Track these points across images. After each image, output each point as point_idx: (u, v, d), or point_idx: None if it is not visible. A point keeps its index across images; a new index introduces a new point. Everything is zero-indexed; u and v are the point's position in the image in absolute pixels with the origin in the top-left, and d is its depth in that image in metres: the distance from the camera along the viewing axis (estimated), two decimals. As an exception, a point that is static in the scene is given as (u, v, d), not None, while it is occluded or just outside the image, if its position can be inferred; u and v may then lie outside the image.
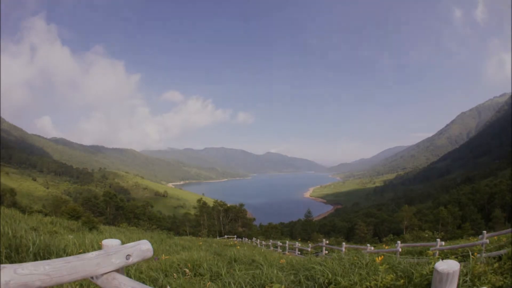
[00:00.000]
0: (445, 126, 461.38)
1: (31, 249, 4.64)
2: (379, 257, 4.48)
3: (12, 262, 4.14)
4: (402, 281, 3.57)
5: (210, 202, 75.50)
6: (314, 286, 4.06)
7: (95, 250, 4.44)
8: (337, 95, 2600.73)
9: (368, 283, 3.68)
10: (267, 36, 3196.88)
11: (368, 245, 12.27)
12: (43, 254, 4.76)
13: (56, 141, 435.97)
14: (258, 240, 28.00)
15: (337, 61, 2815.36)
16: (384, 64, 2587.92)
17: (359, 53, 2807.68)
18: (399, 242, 10.95)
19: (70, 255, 1.64)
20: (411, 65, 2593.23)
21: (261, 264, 5.66)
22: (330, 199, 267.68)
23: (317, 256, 11.25)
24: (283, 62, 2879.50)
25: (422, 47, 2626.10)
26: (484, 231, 9.30)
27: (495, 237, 10.22)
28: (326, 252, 15.65)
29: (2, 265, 1.30)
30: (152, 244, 1.96)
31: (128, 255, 1.77)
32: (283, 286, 3.84)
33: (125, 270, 3.40)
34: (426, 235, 34.79)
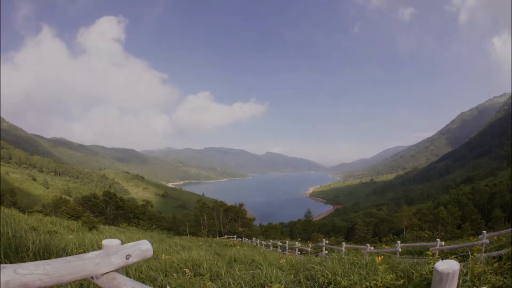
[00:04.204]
0: (445, 126, 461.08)
1: (31, 249, 4.63)
2: (379, 257, 4.49)
3: (12, 262, 4.14)
4: (402, 281, 3.57)
5: (210, 202, 75.45)
6: (314, 286, 4.06)
7: (95, 250, 4.45)
8: (337, 95, 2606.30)
9: (368, 283, 3.68)
10: (265, 35, 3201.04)
11: (368, 245, 12.26)
12: (43, 254, 4.75)
13: (56, 141, 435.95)
14: (258, 240, 27.96)
15: (336, 61, 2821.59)
16: (384, 64, 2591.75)
17: (359, 53, 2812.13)
18: (399, 242, 10.93)
19: (70, 255, 1.64)
20: (411, 65, 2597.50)
21: (261, 264, 5.66)
22: (330, 199, 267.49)
23: (317, 256, 11.25)
24: (283, 62, 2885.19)
25: (422, 47, 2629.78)
26: (484, 231, 9.29)
27: (495, 237, 10.22)
28: (326, 252, 15.64)
29: (2, 265, 1.30)
30: (152, 244, 1.96)
31: (128, 255, 1.77)
32: (282, 286, 3.84)
33: (125, 270, 3.40)
34: (426, 235, 34.81)
